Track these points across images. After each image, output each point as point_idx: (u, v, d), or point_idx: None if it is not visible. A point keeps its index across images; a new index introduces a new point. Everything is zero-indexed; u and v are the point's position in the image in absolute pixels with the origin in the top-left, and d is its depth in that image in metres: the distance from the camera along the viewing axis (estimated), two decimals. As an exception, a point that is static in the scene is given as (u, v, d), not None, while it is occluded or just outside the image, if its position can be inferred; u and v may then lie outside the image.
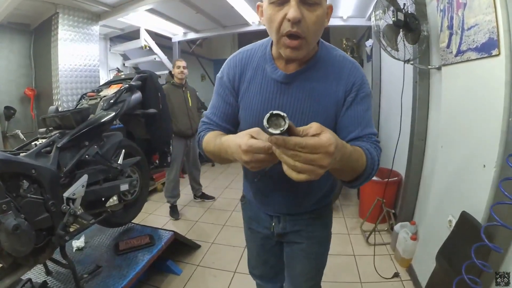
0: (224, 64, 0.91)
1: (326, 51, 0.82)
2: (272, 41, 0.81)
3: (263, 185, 0.95)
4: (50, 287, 1.50)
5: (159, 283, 2.00)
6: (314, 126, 0.53)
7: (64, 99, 2.63)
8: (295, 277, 1.08)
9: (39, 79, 2.92)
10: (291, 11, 0.65)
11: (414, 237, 2.03)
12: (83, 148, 1.55)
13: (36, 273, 1.59)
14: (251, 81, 0.85)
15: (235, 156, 0.63)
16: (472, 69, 1.45)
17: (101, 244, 1.89)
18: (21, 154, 1.33)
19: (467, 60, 1.47)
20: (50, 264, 1.61)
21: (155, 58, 3.93)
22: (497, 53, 1.24)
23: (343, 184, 0.77)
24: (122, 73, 3.43)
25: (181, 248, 2.30)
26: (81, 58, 2.86)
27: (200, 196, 3.55)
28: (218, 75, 0.92)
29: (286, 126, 0.48)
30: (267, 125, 0.49)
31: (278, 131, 0.48)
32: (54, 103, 2.64)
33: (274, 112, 0.49)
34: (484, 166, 1.28)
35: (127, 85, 1.85)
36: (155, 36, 4.07)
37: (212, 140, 0.80)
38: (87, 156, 1.56)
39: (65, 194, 1.41)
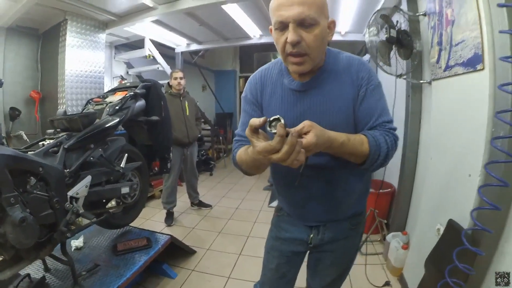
0: (246, 84, 1.01)
1: (333, 56, 0.90)
2: None
3: (299, 196, 0.98)
4: (48, 283, 1.53)
5: (154, 286, 2.03)
6: (306, 126, 0.68)
7: (69, 103, 2.71)
8: (320, 279, 1.12)
9: (45, 83, 3.00)
10: (289, 35, 0.76)
11: (406, 246, 2.08)
12: (88, 150, 1.61)
13: (34, 269, 1.62)
14: (272, 95, 0.94)
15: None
16: (459, 83, 1.54)
17: (99, 245, 1.93)
18: (29, 152, 1.39)
19: (455, 75, 1.55)
20: (48, 261, 1.65)
21: (158, 68, 4.04)
22: (482, 68, 1.31)
23: (359, 167, 0.85)
24: (126, 81, 3.52)
25: (176, 252, 2.33)
26: (87, 64, 2.96)
27: (197, 204, 3.58)
28: (243, 94, 1.02)
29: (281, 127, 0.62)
30: (269, 128, 0.65)
31: (273, 131, 0.64)
32: (59, 107, 2.72)
33: (271, 118, 0.65)
34: (470, 175, 1.35)
35: (132, 93, 1.93)
36: (158, 45, 4.19)
37: (243, 152, 0.85)
38: (91, 158, 1.62)
39: (69, 193, 1.47)
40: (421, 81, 2.13)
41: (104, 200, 1.77)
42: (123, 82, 3.82)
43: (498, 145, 1.08)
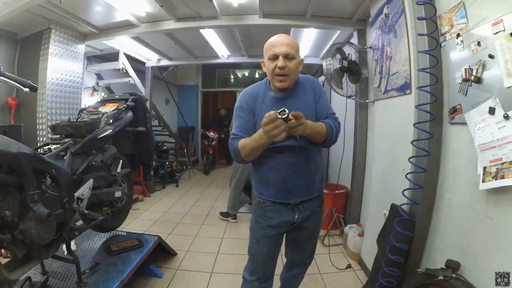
0: (240, 96, 1.39)
1: (298, 79, 1.37)
2: (268, 80, 1.35)
3: (289, 172, 1.30)
4: (50, 285, 1.60)
5: (144, 286, 2.15)
6: (298, 114, 1.08)
7: (48, 111, 2.70)
8: (301, 251, 1.52)
9: (21, 90, 2.90)
10: (279, 63, 1.23)
11: (361, 234, 2.53)
12: (91, 155, 1.76)
13: (31, 273, 1.66)
14: (262, 103, 1.33)
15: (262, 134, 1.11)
16: (394, 103, 2.06)
17: (91, 248, 2.02)
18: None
19: (391, 97, 2.08)
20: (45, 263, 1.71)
21: (129, 81, 4.12)
22: (409, 92, 1.82)
23: (321, 146, 1.34)
24: (97, 92, 3.55)
25: (158, 255, 2.47)
26: (67, 74, 2.99)
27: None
28: (237, 105, 1.38)
29: (286, 114, 1.05)
30: (279, 115, 1.04)
31: (282, 116, 1.04)
32: (37, 115, 2.69)
33: (279, 110, 1.05)
34: (403, 169, 1.82)
35: (126, 105, 2.11)
36: (129, 59, 4.25)
37: (244, 140, 1.24)
38: (94, 163, 1.77)
39: (76, 194, 1.60)
40: (367, 101, 2.67)
41: (100, 203, 1.90)
42: (94, 93, 3.85)
43: (421, 145, 1.56)
